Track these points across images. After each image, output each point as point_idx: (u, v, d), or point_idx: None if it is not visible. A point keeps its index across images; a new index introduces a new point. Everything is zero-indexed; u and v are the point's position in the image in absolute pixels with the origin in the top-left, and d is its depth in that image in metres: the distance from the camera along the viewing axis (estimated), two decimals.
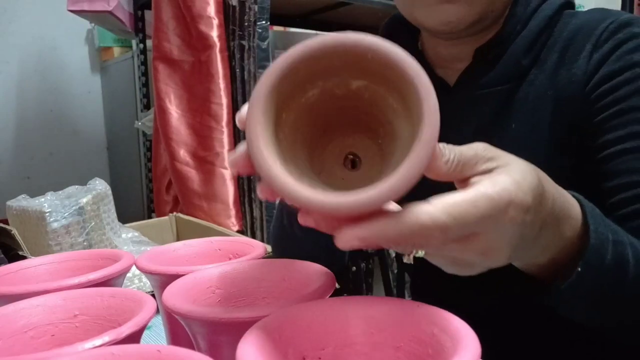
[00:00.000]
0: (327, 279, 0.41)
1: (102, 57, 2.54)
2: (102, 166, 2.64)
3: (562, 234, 0.38)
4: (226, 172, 1.38)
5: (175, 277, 0.44)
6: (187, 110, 1.46)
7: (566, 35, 0.56)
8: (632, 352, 0.53)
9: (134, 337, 0.34)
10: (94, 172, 1.85)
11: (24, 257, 0.84)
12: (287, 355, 0.32)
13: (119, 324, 0.37)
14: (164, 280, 0.46)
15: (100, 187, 0.99)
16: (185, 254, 0.55)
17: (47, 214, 0.91)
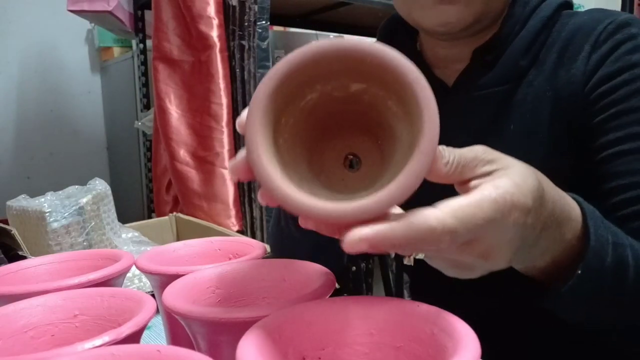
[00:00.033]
0: (327, 279, 0.41)
1: (102, 57, 2.54)
2: (102, 166, 2.64)
3: (562, 236, 0.38)
4: (226, 172, 1.38)
5: (175, 277, 0.44)
6: (187, 110, 1.46)
7: (565, 35, 0.55)
8: (632, 353, 0.53)
9: (134, 337, 0.34)
10: (94, 172, 1.85)
11: (24, 257, 0.84)
12: (287, 355, 0.32)
13: (119, 324, 0.37)
14: (164, 280, 0.46)
15: (100, 187, 0.99)
16: (185, 254, 0.55)
17: (47, 214, 0.91)
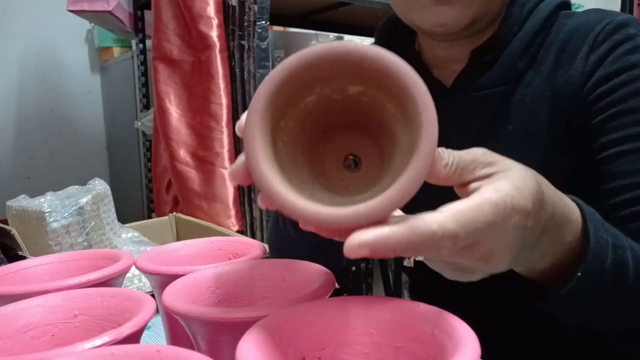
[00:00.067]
0: (327, 279, 0.41)
1: (102, 57, 2.54)
2: (102, 166, 2.64)
3: (562, 238, 0.38)
4: (226, 172, 1.38)
5: (175, 277, 0.44)
6: (187, 110, 1.46)
7: (562, 36, 0.55)
8: (632, 354, 0.53)
9: (134, 337, 0.34)
10: (94, 172, 1.85)
11: (24, 257, 0.84)
12: (287, 355, 0.32)
13: (119, 324, 0.37)
14: (163, 280, 0.46)
15: (100, 187, 0.99)
16: (185, 254, 0.55)
17: (47, 214, 0.91)
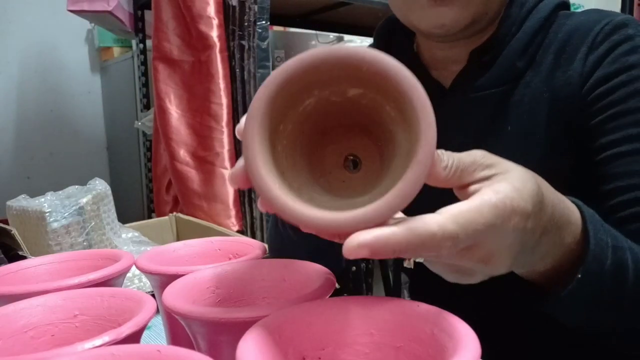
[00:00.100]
0: (327, 279, 0.41)
1: (102, 57, 2.54)
2: (102, 166, 2.64)
3: (562, 240, 0.38)
4: (226, 172, 1.38)
5: (175, 277, 0.44)
6: (187, 110, 1.46)
7: (561, 36, 0.55)
8: (632, 356, 0.53)
9: (134, 337, 0.34)
10: (94, 172, 1.85)
11: (24, 257, 0.84)
12: (287, 355, 0.32)
13: (119, 324, 0.37)
14: (164, 280, 0.46)
15: (100, 187, 0.99)
16: (185, 254, 0.55)
17: (47, 214, 0.91)
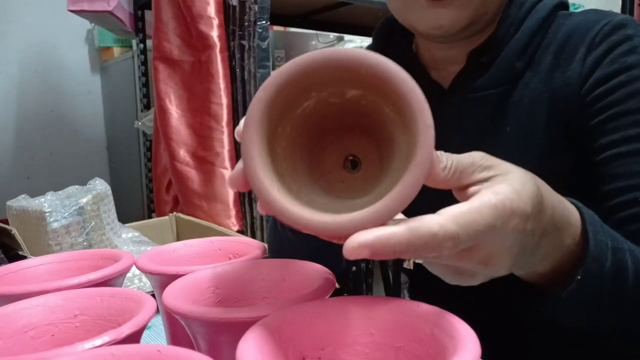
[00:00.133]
0: (327, 279, 0.41)
1: (102, 57, 2.54)
2: (102, 166, 2.64)
3: (561, 241, 0.38)
4: (226, 172, 1.38)
5: (175, 277, 0.44)
6: (187, 110, 1.46)
7: (560, 37, 0.55)
8: (632, 357, 0.53)
9: (134, 337, 0.34)
10: (94, 172, 1.85)
11: (24, 257, 0.84)
12: (287, 355, 0.32)
13: (119, 324, 0.37)
14: (164, 280, 0.46)
15: (100, 187, 0.99)
16: (185, 254, 0.55)
17: (47, 214, 0.91)
